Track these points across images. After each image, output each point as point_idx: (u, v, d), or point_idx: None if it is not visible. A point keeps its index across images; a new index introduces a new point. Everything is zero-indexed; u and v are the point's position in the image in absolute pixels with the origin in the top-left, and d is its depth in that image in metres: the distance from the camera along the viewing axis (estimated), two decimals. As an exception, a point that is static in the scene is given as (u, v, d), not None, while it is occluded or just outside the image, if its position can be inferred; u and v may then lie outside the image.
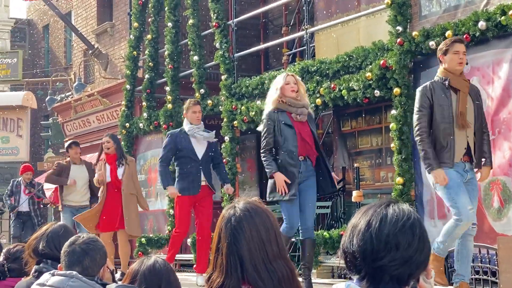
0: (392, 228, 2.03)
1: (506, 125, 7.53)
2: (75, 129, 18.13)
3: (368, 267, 2.04)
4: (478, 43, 7.85)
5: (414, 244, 2.04)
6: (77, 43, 19.50)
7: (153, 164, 13.88)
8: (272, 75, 10.78)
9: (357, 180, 9.50)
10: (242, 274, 2.29)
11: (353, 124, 12.19)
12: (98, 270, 3.53)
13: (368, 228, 2.05)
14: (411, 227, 2.05)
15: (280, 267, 2.32)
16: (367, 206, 2.15)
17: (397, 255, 2.02)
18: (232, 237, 2.33)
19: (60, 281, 3.40)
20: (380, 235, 2.03)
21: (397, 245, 2.02)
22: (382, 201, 2.13)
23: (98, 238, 3.66)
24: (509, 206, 7.45)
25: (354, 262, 2.07)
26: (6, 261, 4.44)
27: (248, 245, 2.31)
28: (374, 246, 2.02)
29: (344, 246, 2.10)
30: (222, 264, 2.32)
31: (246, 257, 2.30)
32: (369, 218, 2.07)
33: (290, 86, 6.94)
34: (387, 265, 2.02)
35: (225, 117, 11.48)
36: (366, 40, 9.80)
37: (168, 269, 2.94)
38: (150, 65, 13.73)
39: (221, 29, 11.81)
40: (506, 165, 7.50)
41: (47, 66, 24.68)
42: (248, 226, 2.34)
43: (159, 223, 13.59)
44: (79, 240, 3.54)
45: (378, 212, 2.08)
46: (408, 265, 2.04)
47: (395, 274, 2.03)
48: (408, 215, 2.07)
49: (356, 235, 2.07)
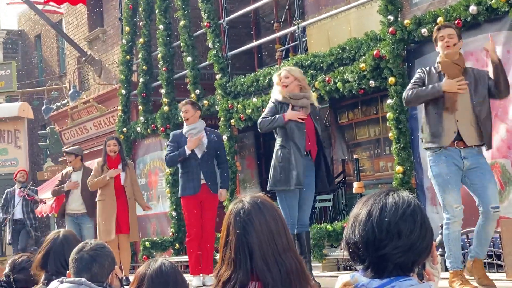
0: (392, 216, 2.04)
1: (503, 108, 7.54)
2: (72, 136, 18.13)
3: (371, 257, 2.05)
4: (470, 27, 7.85)
5: (416, 231, 2.04)
6: (69, 51, 19.49)
7: (153, 167, 13.90)
8: (267, 72, 10.80)
9: (357, 172, 9.51)
10: (252, 267, 2.29)
11: (350, 116, 12.20)
12: (107, 276, 3.54)
13: (369, 217, 2.05)
14: (412, 214, 2.05)
15: (289, 259, 2.33)
16: (367, 196, 2.15)
17: (400, 243, 2.02)
18: (242, 230, 2.33)
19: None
20: (381, 224, 2.03)
21: (399, 233, 2.02)
22: (381, 190, 2.14)
23: (106, 245, 3.66)
24: (509, 189, 7.47)
25: (357, 253, 2.07)
26: (12, 272, 4.44)
27: (258, 237, 2.31)
28: (376, 235, 2.03)
29: (347, 237, 2.11)
30: (230, 257, 2.32)
31: (256, 250, 2.30)
32: (369, 207, 2.08)
33: (281, 83, 6.87)
34: (390, 253, 2.02)
35: (222, 116, 11.49)
36: (358, 32, 9.81)
37: (175, 271, 2.94)
38: (144, 68, 13.73)
39: (213, 29, 11.82)
40: (504, 148, 7.52)
41: (41, 75, 24.66)
42: (257, 219, 2.34)
43: (162, 226, 13.60)
44: (87, 246, 3.55)
45: (378, 201, 2.08)
46: (411, 252, 2.04)
47: (398, 262, 2.03)
48: (408, 202, 2.07)
49: (358, 226, 2.07)
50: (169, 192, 12.70)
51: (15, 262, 4.49)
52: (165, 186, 12.97)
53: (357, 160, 9.78)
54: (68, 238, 4.08)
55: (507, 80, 5.80)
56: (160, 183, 13.65)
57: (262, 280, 2.28)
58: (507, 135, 7.47)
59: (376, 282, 2.03)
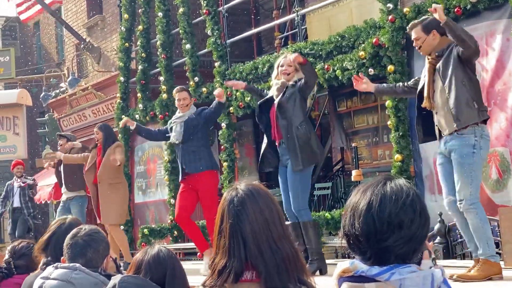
0: (393, 208, 2.02)
1: (502, 96, 7.53)
2: (71, 124, 18.11)
3: (373, 249, 2.03)
4: (470, 15, 7.84)
5: (416, 221, 2.03)
6: (68, 38, 19.45)
7: (152, 155, 13.90)
8: (266, 59, 10.78)
9: (356, 160, 9.52)
10: (245, 255, 2.28)
11: (348, 104, 12.20)
12: (102, 261, 3.54)
13: (369, 209, 2.03)
14: (411, 204, 2.04)
15: (284, 247, 2.31)
16: (364, 185, 2.13)
17: (401, 234, 2.01)
18: (236, 218, 2.31)
19: (64, 273, 3.41)
20: (382, 216, 2.01)
21: (400, 224, 2.01)
22: (378, 179, 2.11)
23: (100, 230, 3.67)
24: (507, 177, 7.47)
25: (358, 245, 2.06)
26: (12, 258, 4.46)
27: (251, 225, 2.30)
28: (377, 227, 2.01)
29: (346, 229, 2.09)
30: (225, 246, 2.31)
31: (249, 238, 2.29)
32: (368, 199, 2.05)
33: (282, 69, 6.82)
34: (392, 245, 2.01)
35: (221, 104, 11.47)
36: (359, 19, 9.78)
37: (172, 257, 2.94)
38: (143, 56, 13.70)
39: (212, 16, 11.79)
40: (503, 136, 7.52)
41: (39, 62, 24.60)
42: (251, 207, 2.32)
43: (160, 213, 13.61)
44: (81, 232, 3.55)
45: (377, 191, 2.06)
46: (413, 242, 2.03)
47: (400, 252, 2.03)
48: (407, 192, 2.05)
49: (358, 218, 2.05)
50: (167, 179, 12.70)
51: (15, 248, 4.51)
52: (163, 174, 12.97)
53: (356, 148, 9.80)
54: (73, 226, 4.08)
55: (464, 33, 5.45)
56: (158, 171, 13.65)
57: (256, 268, 2.27)
58: (506, 124, 7.47)
59: (376, 269, 2.03)
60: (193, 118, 8.13)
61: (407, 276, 2.02)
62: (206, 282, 2.33)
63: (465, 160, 5.48)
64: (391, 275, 2.01)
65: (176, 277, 2.89)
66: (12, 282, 4.41)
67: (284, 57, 6.88)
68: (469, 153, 5.48)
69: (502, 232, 6.71)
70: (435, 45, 5.71)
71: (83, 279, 3.39)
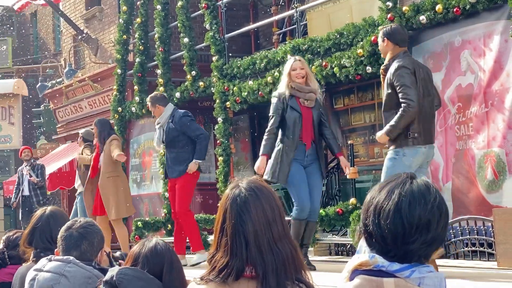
0: (422, 211, 2.01)
1: (499, 97, 7.54)
2: (67, 115, 18.09)
3: (397, 250, 2.02)
4: (469, 16, 7.84)
5: (441, 223, 2.04)
6: (66, 29, 19.39)
7: (147, 147, 13.89)
8: (263, 55, 10.77)
9: (352, 157, 9.51)
10: (247, 255, 2.27)
11: (345, 101, 12.20)
12: (96, 254, 3.53)
13: (398, 210, 2.01)
14: (438, 206, 2.04)
15: (284, 247, 2.30)
16: (387, 183, 2.10)
17: (428, 236, 2.02)
18: (238, 217, 2.29)
19: (57, 266, 3.40)
20: (412, 219, 2.00)
21: (427, 227, 2.01)
22: (402, 178, 2.09)
23: (95, 222, 3.66)
24: (503, 178, 7.48)
25: (382, 245, 2.04)
26: (6, 249, 4.45)
27: (254, 226, 2.28)
28: (406, 229, 2.00)
29: (370, 228, 2.06)
30: (227, 244, 2.29)
31: (251, 238, 2.27)
32: (397, 199, 2.03)
33: (296, 73, 7.07)
34: (419, 247, 2.01)
35: (218, 99, 11.47)
36: (359, 17, 9.77)
37: (169, 250, 2.94)
38: (141, 48, 13.68)
39: (211, 10, 11.77)
40: (500, 137, 7.53)
41: (36, 53, 24.55)
42: (254, 207, 2.30)
43: (154, 206, 13.61)
44: (76, 224, 3.53)
45: (405, 193, 2.03)
46: (435, 243, 2.04)
47: (424, 254, 2.04)
48: (434, 195, 2.04)
49: (384, 218, 2.02)
50: (162, 173, 12.69)
51: (9, 238, 4.50)
52: (158, 167, 12.96)
53: (352, 146, 9.79)
54: (55, 214, 4.07)
55: (403, 121, 6.03)
56: (153, 164, 13.64)
57: (254, 268, 2.26)
58: (503, 125, 7.48)
59: (397, 265, 2.01)
60: (173, 128, 8.60)
61: (427, 275, 2.02)
62: (205, 277, 2.32)
63: None
64: (412, 273, 2.01)
65: (173, 270, 2.90)
66: (6, 272, 4.41)
67: (294, 61, 7.15)
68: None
69: (496, 233, 6.73)
70: (387, 53, 6.29)
71: (77, 272, 3.38)
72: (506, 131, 7.45)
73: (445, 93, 8.13)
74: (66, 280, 3.36)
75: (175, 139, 8.57)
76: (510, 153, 7.41)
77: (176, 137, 8.56)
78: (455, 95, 8.04)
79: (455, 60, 8.08)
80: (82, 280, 3.37)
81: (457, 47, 8.09)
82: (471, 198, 7.81)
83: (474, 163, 7.77)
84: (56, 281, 3.37)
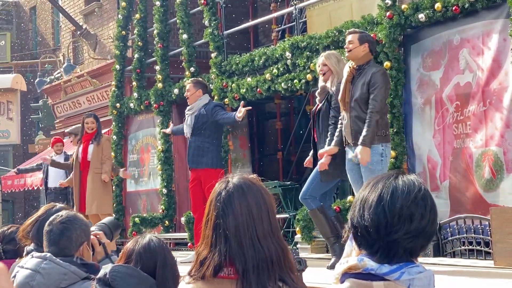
0: (404, 201, 2.02)
1: (497, 96, 7.53)
2: (65, 110, 18.07)
3: (381, 241, 2.03)
4: (468, 14, 7.83)
5: (426, 216, 2.04)
6: (65, 24, 19.38)
7: (145, 144, 13.87)
8: (262, 51, 10.75)
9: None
10: (226, 249, 2.26)
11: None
12: (76, 249, 3.51)
13: (380, 201, 2.03)
14: (423, 198, 2.04)
15: (269, 246, 2.28)
16: (375, 178, 2.13)
17: (411, 228, 2.02)
18: (220, 210, 2.29)
19: (35, 263, 3.42)
20: (393, 208, 2.02)
21: (410, 217, 2.01)
22: (389, 173, 2.12)
23: (77, 216, 3.60)
24: (500, 177, 7.48)
25: (366, 237, 2.04)
26: (1, 243, 4.44)
27: (235, 220, 2.27)
28: (388, 219, 2.01)
29: (355, 221, 2.07)
30: (208, 236, 2.30)
31: (231, 232, 2.26)
32: (380, 191, 2.05)
33: (318, 69, 7.30)
34: (402, 237, 2.01)
35: (216, 95, 11.45)
36: (359, 15, 9.74)
37: (163, 247, 2.93)
38: (139, 44, 13.66)
39: (210, 7, 11.75)
40: (497, 136, 7.52)
41: (35, 48, 24.51)
42: (238, 202, 2.30)
43: (152, 203, 13.61)
44: (56, 219, 3.53)
45: (388, 184, 2.06)
46: (422, 237, 2.04)
47: (408, 246, 2.03)
48: (419, 187, 2.06)
49: (368, 209, 2.04)
50: (160, 169, 12.69)
51: (4, 233, 4.48)
52: (156, 163, 12.96)
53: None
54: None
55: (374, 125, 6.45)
56: (152, 160, 13.63)
57: (234, 263, 2.25)
58: (501, 124, 7.47)
59: (386, 267, 2.02)
60: (204, 114, 8.38)
61: (416, 276, 2.02)
62: (192, 272, 2.32)
63: None
64: (401, 275, 2.01)
65: (167, 267, 2.88)
66: (1, 267, 4.39)
67: (321, 56, 7.30)
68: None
69: (493, 231, 6.73)
70: (362, 56, 6.62)
71: (52, 269, 3.38)
72: (504, 130, 7.44)
73: (443, 91, 8.12)
74: (41, 277, 3.37)
75: (203, 126, 8.43)
76: (508, 152, 7.41)
77: (205, 123, 8.43)
78: (453, 94, 8.03)
79: (454, 59, 8.07)
80: (57, 276, 3.37)
81: (455, 45, 8.08)
82: (469, 196, 7.80)
83: (472, 161, 7.76)
84: (32, 278, 3.39)
